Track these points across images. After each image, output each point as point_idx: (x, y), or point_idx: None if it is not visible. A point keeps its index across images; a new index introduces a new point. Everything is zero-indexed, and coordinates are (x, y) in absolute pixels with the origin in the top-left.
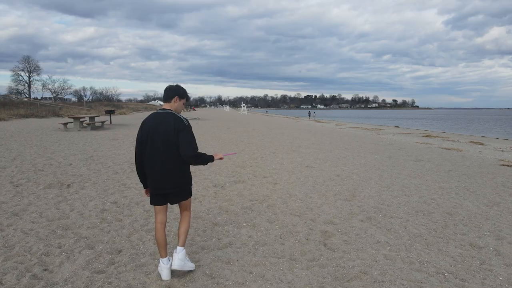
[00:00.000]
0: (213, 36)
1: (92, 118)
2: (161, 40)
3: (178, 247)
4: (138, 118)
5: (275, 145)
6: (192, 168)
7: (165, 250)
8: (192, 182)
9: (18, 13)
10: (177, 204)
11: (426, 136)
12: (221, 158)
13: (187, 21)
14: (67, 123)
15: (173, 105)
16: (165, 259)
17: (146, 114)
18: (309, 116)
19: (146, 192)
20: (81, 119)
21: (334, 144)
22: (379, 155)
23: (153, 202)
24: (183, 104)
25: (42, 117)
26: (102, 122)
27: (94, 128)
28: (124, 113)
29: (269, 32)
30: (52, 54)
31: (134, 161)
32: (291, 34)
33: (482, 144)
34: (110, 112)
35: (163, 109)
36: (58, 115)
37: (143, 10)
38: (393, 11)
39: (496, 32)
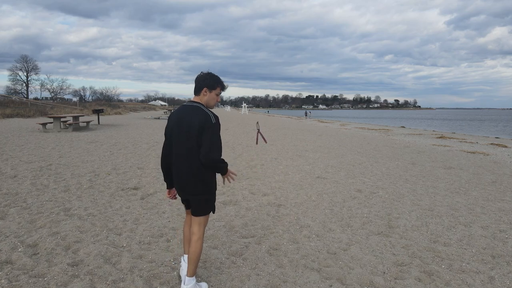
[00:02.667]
0: (216, 37)
1: (75, 118)
2: (164, 41)
3: (186, 278)
4: (133, 118)
5: (277, 149)
6: None
7: (189, 244)
8: (211, 196)
9: (21, 14)
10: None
11: (440, 137)
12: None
13: (190, 21)
14: (46, 124)
15: (203, 98)
16: (187, 256)
17: (143, 114)
18: (306, 115)
19: (168, 193)
20: (62, 119)
21: (344, 147)
22: (400, 160)
23: (182, 202)
24: (217, 95)
25: (29, 116)
26: (87, 122)
27: (77, 129)
28: (120, 113)
29: (271, 32)
30: (55, 54)
31: (99, 172)
32: (293, 35)
33: (506, 146)
34: (98, 112)
35: (192, 101)
36: (46, 115)
37: (146, 11)
38: (396, 11)
39: (498, 32)
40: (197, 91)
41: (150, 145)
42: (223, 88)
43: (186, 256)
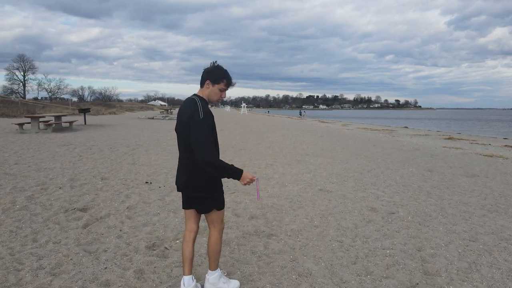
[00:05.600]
0: (217, 37)
1: (57, 118)
2: (165, 41)
3: (209, 271)
4: (127, 118)
5: (274, 152)
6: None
7: (189, 265)
8: (214, 193)
9: (23, 14)
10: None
11: (448, 138)
12: (251, 181)
13: (191, 21)
14: (23, 124)
15: (205, 91)
16: (187, 278)
17: (139, 113)
18: (300, 115)
19: None
20: (41, 119)
21: (348, 150)
22: (414, 166)
23: (183, 204)
24: (220, 90)
25: (14, 116)
26: (70, 123)
27: (59, 129)
28: (114, 113)
29: (272, 32)
30: (56, 54)
31: (49, 185)
32: (294, 35)
33: None
34: (84, 111)
35: (193, 94)
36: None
37: (147, 11)
38: (396, 12)
39: (499, 32)
40: (201, 83)
41: (130, 148)
42: (229, 83)
43: (186, 278)
